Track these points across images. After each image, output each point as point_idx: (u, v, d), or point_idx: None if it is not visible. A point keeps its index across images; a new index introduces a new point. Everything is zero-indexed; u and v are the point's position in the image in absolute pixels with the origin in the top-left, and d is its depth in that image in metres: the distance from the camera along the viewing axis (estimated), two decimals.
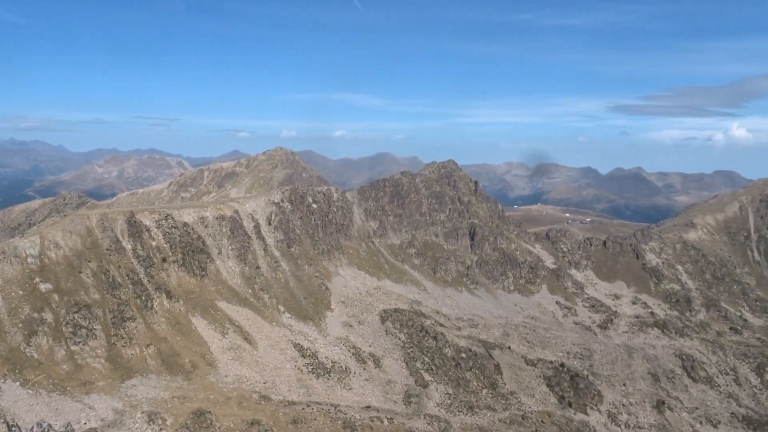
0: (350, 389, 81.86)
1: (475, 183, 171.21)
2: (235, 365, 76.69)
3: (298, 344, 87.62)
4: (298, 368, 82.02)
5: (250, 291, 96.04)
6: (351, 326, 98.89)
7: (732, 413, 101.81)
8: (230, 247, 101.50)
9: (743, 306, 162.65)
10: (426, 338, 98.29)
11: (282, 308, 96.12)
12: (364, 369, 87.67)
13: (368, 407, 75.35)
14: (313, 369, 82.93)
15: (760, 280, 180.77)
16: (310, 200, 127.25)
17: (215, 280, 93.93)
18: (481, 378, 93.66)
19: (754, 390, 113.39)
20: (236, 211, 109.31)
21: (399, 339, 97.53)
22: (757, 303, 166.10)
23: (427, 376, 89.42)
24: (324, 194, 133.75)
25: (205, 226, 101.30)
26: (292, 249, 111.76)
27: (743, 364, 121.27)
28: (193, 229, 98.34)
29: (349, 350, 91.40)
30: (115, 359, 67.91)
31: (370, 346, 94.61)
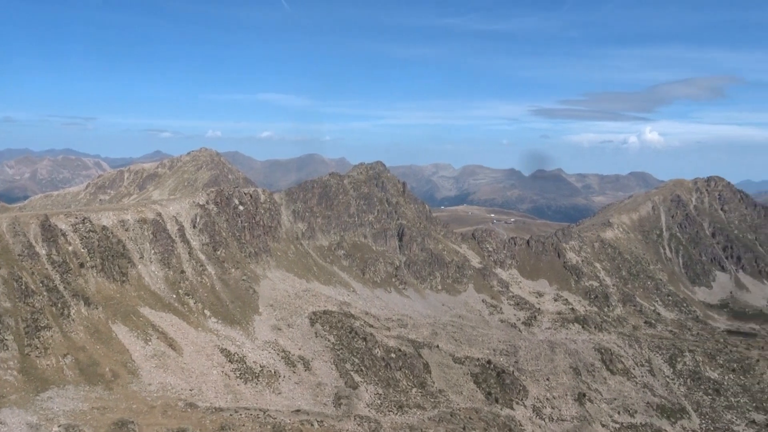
0: (279, 393, 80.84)
1: (403, 184, 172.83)
2: (159, 373, 74.27)
3: (226, 349, 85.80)
4: (226, 374, 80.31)
5: (174, 296, 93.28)
6: (280, 329, 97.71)
7: (647, 402, 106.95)
8: (153, 251, 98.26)
9: (657, 301, 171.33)
10: (356, 339, 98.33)
11: (208, 313, 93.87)
12: (294, 372, 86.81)
13: (298, 411, 74.63)
14: (241, 374, 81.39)
15: (672, 276, 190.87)
16: (237, 202, 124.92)
17: (137, 285, 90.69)
18: (411, 377, 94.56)
19: (667, 380, 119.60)
20: (159, 214, 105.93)
21: (328, 341, 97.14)
22: (669, 297, 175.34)
23: (357, 378, 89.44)
24: (251, 196, 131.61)
25: (126, 230, 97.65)
26: (218, 252, 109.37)
27: (657, 355, 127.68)
28: (112, 232, 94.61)
29: (278, 354, 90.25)
30: (29, 371, 64.40)
31: (299, 349, 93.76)
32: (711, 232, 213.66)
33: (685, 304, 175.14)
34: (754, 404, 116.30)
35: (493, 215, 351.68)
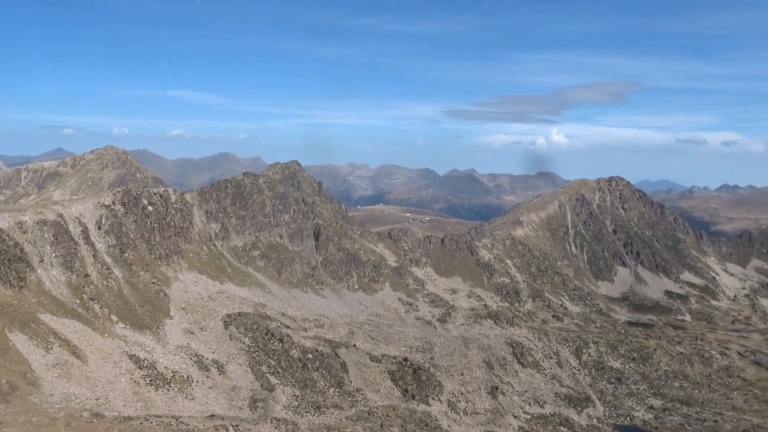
0: (193, 399, 78.52)
1: (319, 184, 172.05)
2: (62, 383, 70.38)
3: (134, 355, 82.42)
4: (135, 381, 77.16)
5: (78, 301, 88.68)
6: (192, 333, 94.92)
7: (556, 393, 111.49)
8: (54, 255, 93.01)
9: (563, 295, 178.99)
10: (272, 341, 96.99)
11: (115, 318, 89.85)
12: (208, 377, 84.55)
13: (212, 416, 72.75)
14: (151, 380, 78.43)
15: (577, 272, 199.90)
16: (146, 202, 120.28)
17: (37, 291, 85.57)
18: (328, 377, 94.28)
19: (574, 371, 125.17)
20: (60, 215, 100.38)
21: (244, 343, 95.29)
22: (575, 292, 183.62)
23: (273, 380, 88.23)
24: (161, 196, 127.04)
25: (24, 232, 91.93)
26: (126, 254, 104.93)
27: (564, 347, 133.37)
28: (9, 235, 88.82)
29: (190, 358, 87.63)
30: None
31: (213, 352, 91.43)
32: (613, 229, 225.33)
33: (589, 298, 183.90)
34: (652, 391, 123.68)
35: (408, 214, 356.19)
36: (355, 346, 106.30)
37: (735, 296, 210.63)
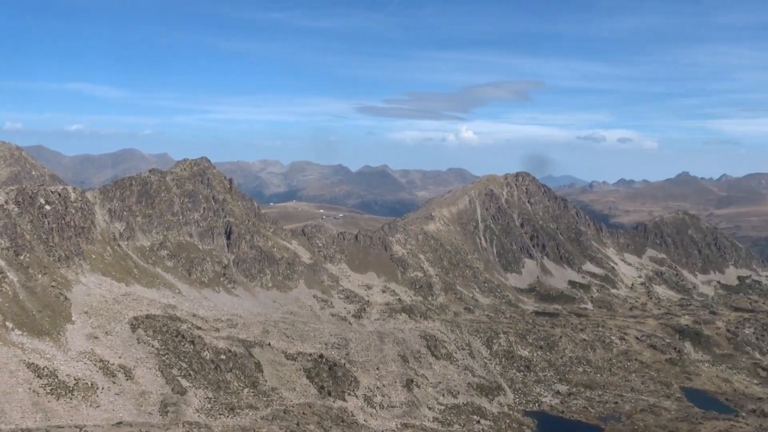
0: (98, 407, 74.91)
1: (230, 181, 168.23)
2: None
3: (33, 364, 77.61)
4: (34, 390, 72.70)
5: None
6: (97, 338, 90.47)
7: (468, 383, 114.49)
8: None
9: (474, 288, 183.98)
10: (183, 343, 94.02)
11: (10, 325, 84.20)
12: (114, 383, 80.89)
13: (120, 423, 69.75)
14: (52, 389, 74.15)
15: (487, 265, 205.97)
16: (43, 201, 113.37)
17: None
18: (242, 378, 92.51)
19: (485, 361, 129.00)
20: None
21: (152, 347, 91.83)
22: (486, 284, 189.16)
23: (185, 383, 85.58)
24: (59, 194, 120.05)
25: None
26: (22, 257, 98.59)
27: (476, 338, 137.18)
28: None
29: (95, 364, 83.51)
30: None
31: (119, 357, 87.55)
32: (520, 223, 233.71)
33: (499, 290, 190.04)
34: (558, 377, 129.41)
35: (322, 211, 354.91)
36: (269, 344, 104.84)
37: (632, 284, 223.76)
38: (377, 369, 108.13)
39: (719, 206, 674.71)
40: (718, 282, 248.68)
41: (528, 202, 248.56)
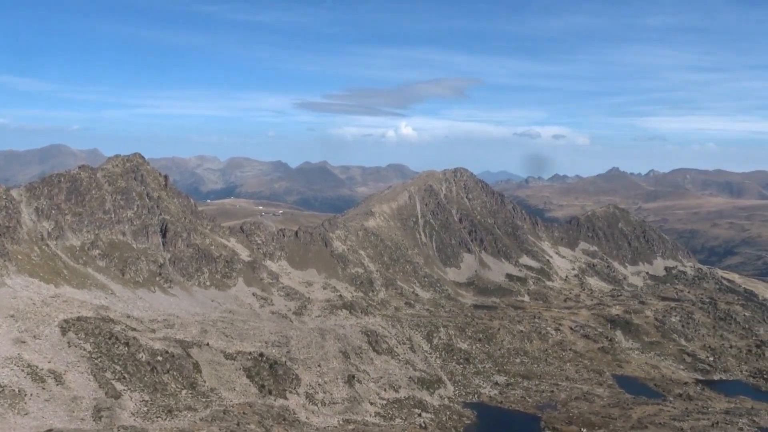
0: (27, 414, 71.75)
1: (165, 177, 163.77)
2: None
3: None
4: None
5: None
6: (24, 342, 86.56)
7: (410, 377, 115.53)
8: None
9: (415, 283, 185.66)
10: (116, 345, 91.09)
11: None
12: (43, 389, 77.62)
13: (50, 431, 67.04)
14: None
15: (427, 259, 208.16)
16: None
17: None
18: (180, 379, 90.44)
19: (426, 354, 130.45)
20: None
21: (84, 350, 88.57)
22: (426, 279, 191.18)
23: (119, 386, 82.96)
24: None
25: None
26: None
27: (417, 333, 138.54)
28: None
29: (22, 370, 79.88)
30: None
31: (49, 362, 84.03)
32: (458, 218, 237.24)
33: (439, 284, 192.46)
34: (496, 368, 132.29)
35: (261, 207, 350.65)
36: (208, 344, 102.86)
37: (566, 276, 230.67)
38: (318, 366, 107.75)
39: (647, 200, 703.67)
40: (647, 273, 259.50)
41: (466, 197, 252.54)
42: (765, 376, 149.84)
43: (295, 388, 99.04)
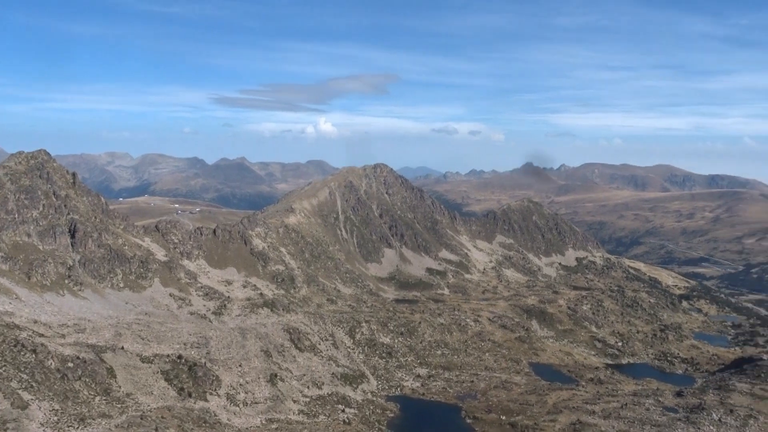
0: None
1: (73, 175, 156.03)
2: None
3: None
4: None
5: None
6: None
7: (333, 373, 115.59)
8: None
9: (336, 279, 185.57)
10: (23, 353, 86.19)
11: None
12: None
13: None
14: None
15: (348, 255, 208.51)
16: None
17: None
18: (93, 385, 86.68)
19: (348, 350, 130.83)
20: None
21: None
22: (347, 275, 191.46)
23: (26, 396, 78.58)
24: None
25: None
26: None
27: (339, 329, 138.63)
28: None
29: None
30: None
31: None
32: (379, 214, 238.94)
33: (360, 280, 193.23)
34: (418, 361, 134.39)
35: (177, 205, 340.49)
36: (122, 348, 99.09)
37: (484, 269, 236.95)
38: (240, 366, 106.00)
39: (559, 194, 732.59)
40: (559, 263, 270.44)
41: (386, 193, 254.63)
42: (669, 359, 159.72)
43: (215, 390, 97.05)
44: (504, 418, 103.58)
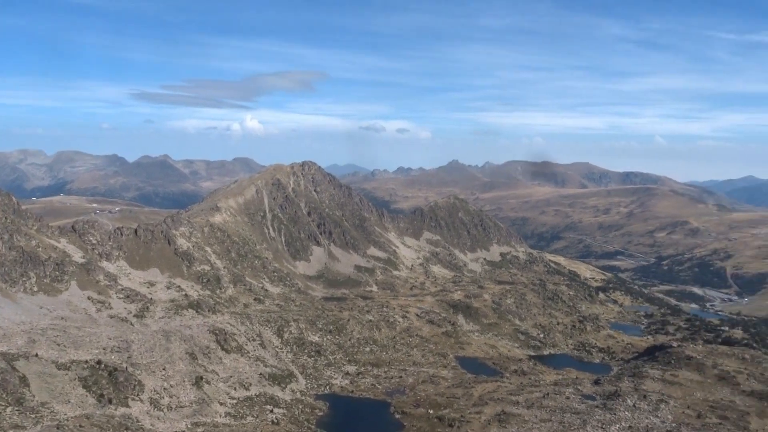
0: None
1: None
2: None
3: None
4: None
5: None
6: None
7: (260, 374, 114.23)
8: None
9: (264, 278, 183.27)
10: None
11: None
12: None
13: None
14: None
15: (276, 254, 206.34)
16: None
17: None
18: (4, 395, 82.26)
19: (277, 350, 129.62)
20: None
21: None
22: (275, 274, 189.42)
23: None
24: None
25: None
26: None
27: (267, 328, 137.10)
28: None
29: None
30: None
31: None
32: (307, 212, 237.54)
33: (288, 279, 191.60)
34: (347, 358, 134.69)
35: (95, 205, 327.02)
36: (36, 355, 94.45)
37: (412, 265, 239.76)
38: (163, 369, 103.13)
39: (484, 190, 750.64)
40: (484, 259, 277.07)
41: (314, 190, 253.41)
42: (587, 349, 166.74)
43: (138, 395, 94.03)
44: (432, 411, 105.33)
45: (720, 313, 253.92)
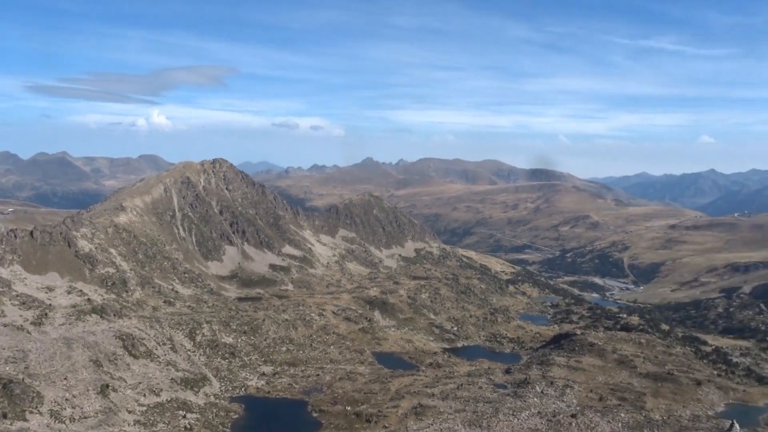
0: None
1: None
2: None
3: None
4: None
5: None
6: None
7: (172, 379, 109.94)
8: None
9: (174, 279, 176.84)
10: None
11: None
12: None
13: None
14: None
15: (187, 254, 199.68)
16: None
17: None
18: None
19: (189, 353, 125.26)
20: None
21: None
22: (186, 275, 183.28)
23: None
24: None
25: None
26: None
27: (178, 332, 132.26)
28: None
29: None
30: None
31: None
32: (219, 210, 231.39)
33: (200, 279, 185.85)
34: (263, 359, 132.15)
35: None
36: None
37: (328, 263, 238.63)
38: (65, 379, 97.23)
39: (398, 187, 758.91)
40: (399, 255, 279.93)
41: (226, 188, 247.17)
42: (498, 340, 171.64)
43: (36, 407, 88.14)
44: (349, 408, 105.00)
45: (618, 301, 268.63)
